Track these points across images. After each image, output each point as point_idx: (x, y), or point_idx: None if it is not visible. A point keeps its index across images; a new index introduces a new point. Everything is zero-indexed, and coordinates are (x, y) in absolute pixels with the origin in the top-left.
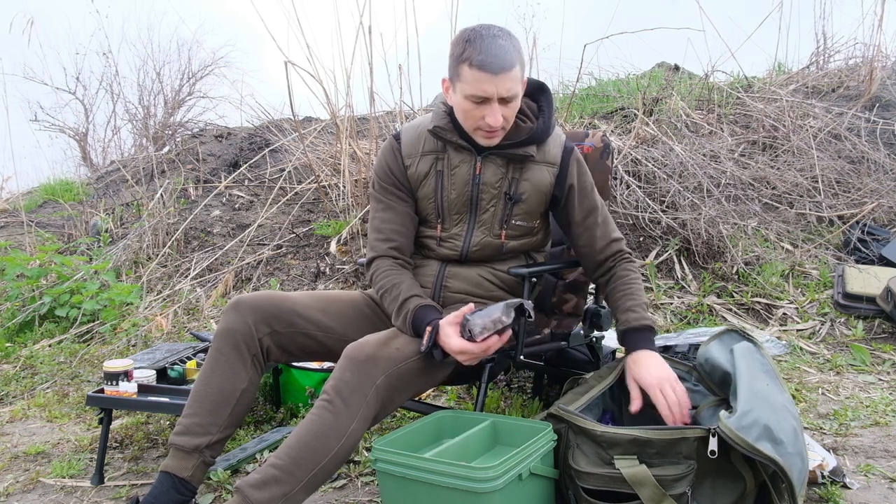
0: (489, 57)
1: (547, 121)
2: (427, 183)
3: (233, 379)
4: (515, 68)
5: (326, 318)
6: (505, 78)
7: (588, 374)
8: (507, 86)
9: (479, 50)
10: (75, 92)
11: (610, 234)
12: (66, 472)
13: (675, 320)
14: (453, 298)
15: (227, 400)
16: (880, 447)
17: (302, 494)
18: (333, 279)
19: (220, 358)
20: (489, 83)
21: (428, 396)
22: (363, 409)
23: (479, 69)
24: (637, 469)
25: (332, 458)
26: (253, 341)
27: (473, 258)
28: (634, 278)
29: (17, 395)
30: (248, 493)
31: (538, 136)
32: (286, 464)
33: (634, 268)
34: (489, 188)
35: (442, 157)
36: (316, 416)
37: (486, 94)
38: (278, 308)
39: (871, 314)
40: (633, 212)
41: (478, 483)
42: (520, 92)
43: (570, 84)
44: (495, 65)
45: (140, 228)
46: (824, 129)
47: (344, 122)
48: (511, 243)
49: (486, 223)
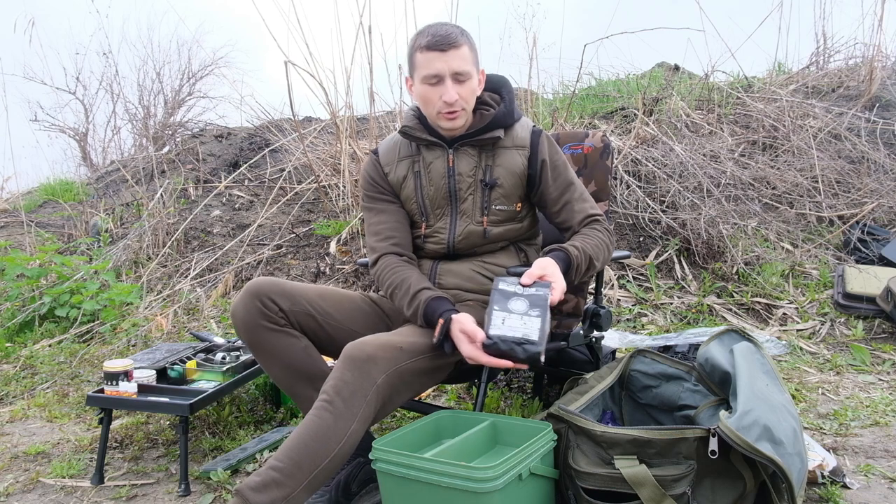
0: (435, 37)
1: (508, 106)
2: (407, 185)
3: (291, 351)
4: (464, 47)
5: (326, 304)
6: (454, 55)
7: (588, 374)
8: (457, 62)
9: (426, 34)
10: (75, 92)
11: (587, 209)
12: (66, 472)
13: (675, 320)
14: (447, 294)
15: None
16: (880, 447)
17: (302, 496)
18: (333, 279)
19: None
20: (439, 60)
21: (428, 396)
22: (363, 410)
23: (427, 49)
24: (637, 469)
25: (332, 458)
26: (276, 316)
27: (460, 249)
28: (593, 234)
29: (17, 395)
30: (248, 496)
31: (502, 119)
32: (286, 466)
33: (601, 229)
34: (465, 178)
35: (417, 159)
36: (316, 416)
37: (439, 71)
38: (281, 288)
39: (871, 314)
40: (633, 212)
41: (478, 483)
42: (473, 72)
43: (570, 84)
44: (442, 42)
45: (140, 228)
46: (824, 129)
47: (344, 122)
48: (495, 230)
49: (468, 212)
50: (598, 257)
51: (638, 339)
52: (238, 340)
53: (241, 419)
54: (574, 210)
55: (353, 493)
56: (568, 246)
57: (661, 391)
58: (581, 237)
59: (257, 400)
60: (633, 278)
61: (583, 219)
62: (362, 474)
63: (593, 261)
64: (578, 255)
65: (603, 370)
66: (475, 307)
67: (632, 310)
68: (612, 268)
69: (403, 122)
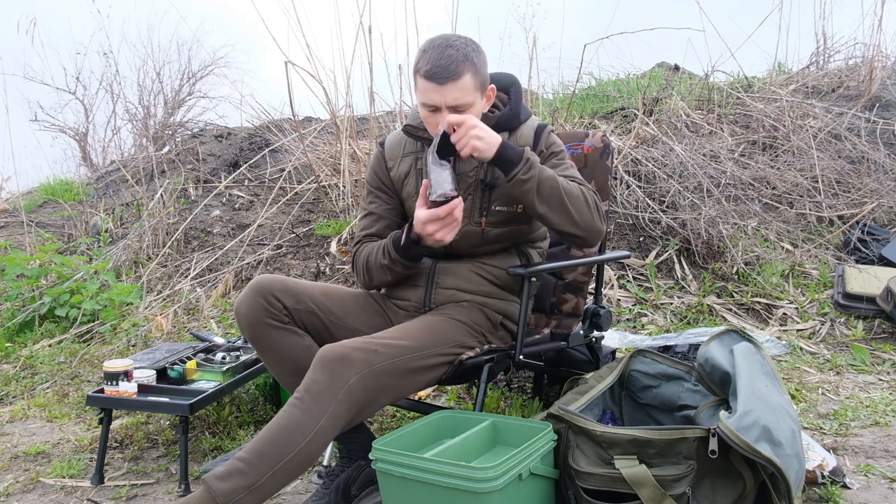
0: (434, 67)
1: (514, 108)
2: (409, 182)
3: (295, 349)
4: (464, 78)
5: (328, 301)
6: (451, 88)
7: (588, 374)
8: (454, 95)
9: (427, 60)
10: (75, 92)
11: (575, 177)
12: (66, 472)
13: (675, 320)
14: (444, 295)
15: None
16: (880, 447)
17: (267, 488)
18: (333, 279)
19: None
20: (435, 93)
21: (428, 396)
22: (333, 408)
23: (425, 79)
24: (637, 469)
25: (298, 453)
26: (280, 314)
27: (459, 248)
28: (573, 181)
29: (17, 395)
30: (211, 483)
31: (506, 122)
32: (251, 457)
33: (586, 189)
34: (465, 178)
35: (421, 157)
36: (285, 412)
37: (434, 103)
38: (286, 285)
39: (871, 314)
40: (633, 212)
41: (478, 483)
42: (472, 100)
43: (570, 84)
44: (439, 75)
45: (140, 228)
46: (824, 129)
47: (344, 122)
48: (494, 231)
49: (466, 212)
50: (571, 193)
51: (638, 339)
52: (238, 340)
53: (241, 419)
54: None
55: (352, 496)
56: (526, 150)
57: (661, 391)
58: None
59: (257, 400)
60: (633, 278)
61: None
62: (362, 477)
63: (562, 191)
64: (539, 167)
65: (603, 370)
66: (471, 308)
67: (632, 310)
68: (612, 268)
69: (408, 121)
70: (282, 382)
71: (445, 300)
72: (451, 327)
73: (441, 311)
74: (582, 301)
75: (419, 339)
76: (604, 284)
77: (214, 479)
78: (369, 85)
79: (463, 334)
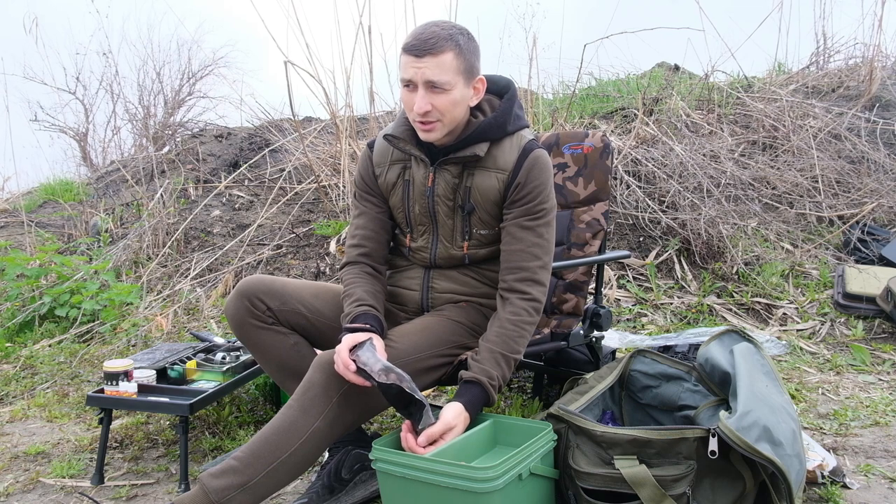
0: (414, 40)
1: (500, 117)
2: (396, 192)
3: (279, 348)
4: (445, 55)
5: (318, 301)
6: (430, 62)
7: (588, 374)
8: (432, 71)
9: (411, 35)
10: (75, 92)
11: (533, 272)
12: (66, 472)
13: (675, 320)
14: (441, 299)
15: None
16: (880, 447)
17: (261, 488)
18: (333, 279)
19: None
20: (412, 65)
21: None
22: (329, 411)
23: (405, 52)
24: (637, 469)
25: (293, 454)
26: (264, 315)
27: (444, 266)
28: (520, 322)
29: (17, 395)
30: (205, 481)
31: (487, 130)
32: (246, 456)
33: (528, 309)
34: (443, 201)
35: (408, 167)
36: (282, 414)
37: (411, 77)
38: (270, 287)
39: (871, 314)
40: (633, 212)
41: (478, 483)
42: (453, 82)
43: (570, 84)
44: (418, 47)
45: (140, 228)
46: (824, 129)
47: (344, 122)
48: (479, 252)
49: (447, 237)
50: (517, 351)
51: (638, 339)
52: (238, 340)
53: (241, 419)
54: (520, 261)
55: (345, 480)
56: (480, 376)
57: (661, 391)
58: (502, 331)
59: (257, 400)
60: (632, 278)
61: (519, 280)
62: (350, 459)
63: (514, 364)
64: (497, 382)
65: (603, 370)
66: (470, 309)
67: (632, 310)
68: (612, 268)
69: (390, 129)
70: (273, 379)
71: (443, 303)
72: (450, 328)
73: (439, 312)
74: (582, 301)
75: (418, 340)
76: (604, 284)
77: (209, 476)
78: (369, 85)
79: (462, 335)
